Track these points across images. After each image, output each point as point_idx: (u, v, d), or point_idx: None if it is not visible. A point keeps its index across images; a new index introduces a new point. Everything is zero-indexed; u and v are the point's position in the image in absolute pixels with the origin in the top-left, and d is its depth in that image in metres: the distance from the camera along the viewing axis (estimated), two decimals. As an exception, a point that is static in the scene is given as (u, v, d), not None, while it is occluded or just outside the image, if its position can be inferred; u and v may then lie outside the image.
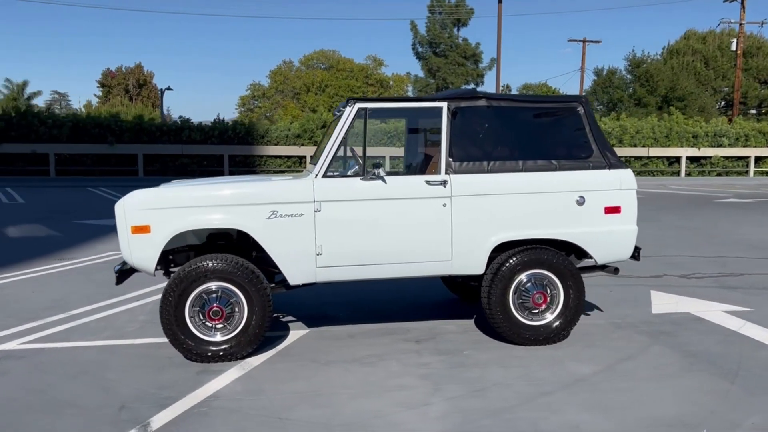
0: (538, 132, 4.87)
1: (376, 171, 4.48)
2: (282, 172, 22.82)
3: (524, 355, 4.57)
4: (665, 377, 4.15)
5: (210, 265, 4.36)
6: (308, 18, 77.21)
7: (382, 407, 3.69)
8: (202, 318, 4.40)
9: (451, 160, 4.63)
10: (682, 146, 25.78)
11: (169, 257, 4.77)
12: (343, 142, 4.62)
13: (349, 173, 4.62)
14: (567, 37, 64.17)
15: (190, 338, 4.38)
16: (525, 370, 4.27)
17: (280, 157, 22.61)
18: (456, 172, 4.61)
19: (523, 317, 4.74)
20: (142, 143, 21.63)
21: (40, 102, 56.85)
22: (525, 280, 4.73)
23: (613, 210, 4.79)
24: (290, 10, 77.97)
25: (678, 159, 26.14)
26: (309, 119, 23.23)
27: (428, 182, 4.57)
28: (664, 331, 5.15)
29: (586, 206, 4.76)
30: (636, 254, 5.00)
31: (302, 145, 22.51)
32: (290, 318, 5.61)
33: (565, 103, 4.85)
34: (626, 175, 4.84)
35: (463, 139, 4.68)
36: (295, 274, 4.51)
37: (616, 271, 5.01)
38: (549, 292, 4.76)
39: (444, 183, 4.57)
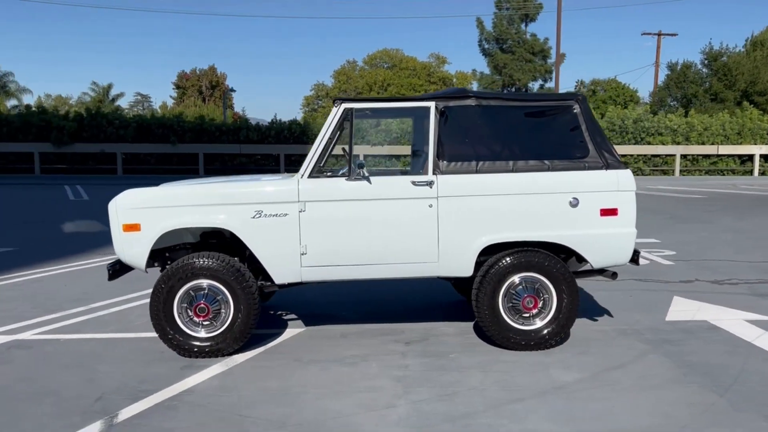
0: (530, 131, 4.74)
1: (360, 171, 4.48)
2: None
3: (511, 360, 4.47)
4: (649, 388, 3.96)
5: (197, 263, 4.48)
6: (373, 18, 77.70)
7: (345, 408, 3.69)
8: (189, 314, 4.53)
9: (438, 160, 4.57)
10: (755, 143, 24.39)
11: (166, 254, 4.92)
12: (330, 142, 4.64)
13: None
14: (641, 31, 61.83)
15: (178, 333, 4.52)
16: (504, 376, 4.17)
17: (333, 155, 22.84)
18: (443, 173, 4.55)
19: (513, 321, 4.64)
20: (203, 143, 22.38)
21: (123, 103, 59.69)
22: (516, 283, 4.62)
23: (609, 212, 4.61)
24: (356, 10, 78.62)
25: (751, 157, 24.77)
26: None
27: (414, 183, 4.53)
28: (670, 339, 4.92)
29: (581, 208, 4.60)
30: (635, 258, 4.79)
31: (355, 143, 22.71)
32: (293, 316, 5.69)
33: (559, 102, 4.70)
34: (624, 175, 4.64)
35: (451, 138, 4.61)
36: (280, 274, 4.57)
37: (614, 275, 4.82)
38: (541, 296, 4.63)
39: (430, 183, 4.52)
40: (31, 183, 20.86)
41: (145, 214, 4.48)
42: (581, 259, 4.84)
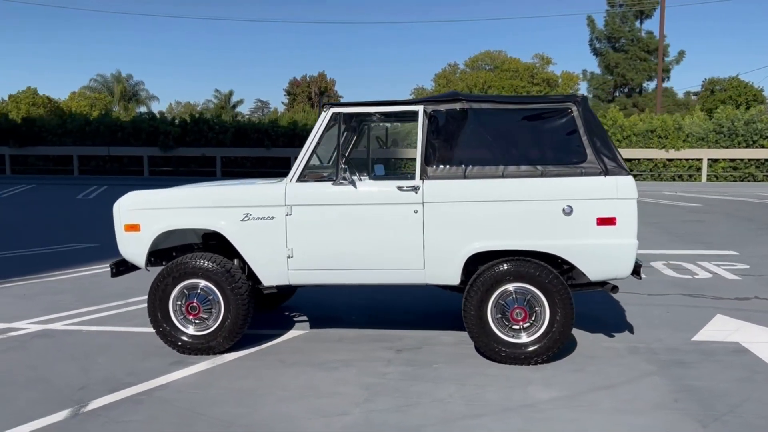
0: (523, 136, 4.53)
1: (345, 176, 4.47)
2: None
3: (494, 374, 4.29)
4: (628, 412, 3.67)
5: (190, 263, 4.65)
6: (476, 20, 76.82)
7: (299, 412, 3.70)
8: (183, 312, 4.70)
9: (426, 165, 4.47)
10: None
11: (172, 254, 5.13)
12: (318, 147, 4.65)
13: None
14: (773, 24, 56.88)
15: (173, 330, 4.70)
16: (478, 390, 4.01)
17: (412, 159, 22.84)
18: (430, 178, 4.45)
19: (503, 334, 4.45)
20: (295, 147, 23.07)
21: (244, 109, 62.78)
22: (506, 293, 4.42)
23: (606, 221, 4.31)
24: (459, 13, 78.07)
25: None
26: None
27: (400, 188, 4.46)
28: (683, 360, 4.52)
29: (575, 216, 4.33)
30: (637, 271, 4.44)
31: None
32: (303, 318, 5.76)
33: (555, 104, 4.45)
34: (624, 182, 4.32)
35: (440, 143, 4.50)
36: (268, 276, 4.65)
37: (614, 289, 4.50)
38: (532, 308, 4.41)
39: (416, 189, 4.43)
40: (139, 184, 22.45)
41: (144, 215, 4.71)
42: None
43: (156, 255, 4.96)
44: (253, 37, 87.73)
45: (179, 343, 4.69)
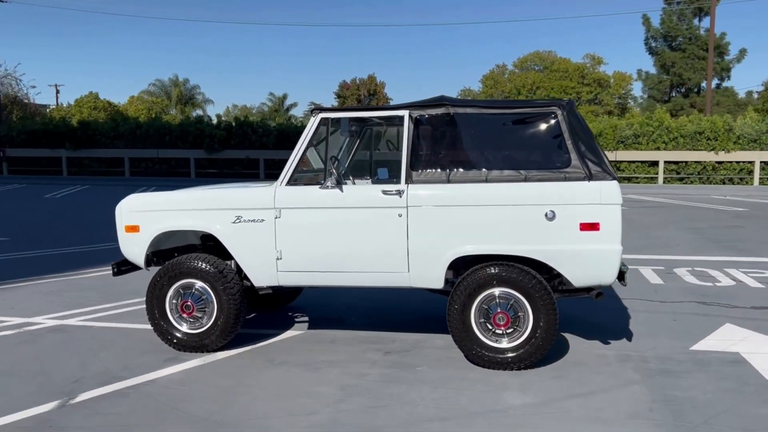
0: (507, 140, 4.52)
1: (331, 179, 4.56)
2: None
3: (474, 378, 4.30)
4: (597, 421, 3.63)
5: (185, 263, 4.82)
6: (527, 20, 75.68)
7: (271, 410, 3.80)
8: (178, 310, 4.88)
9: (411, 169, 4.51)
10: None
11: (174, 254, 5.32)
12: (306, 151, 4.75)
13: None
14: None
15: (170, 327, 4.88)
16: (452, 394, 4.03)
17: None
18: (415, 182, 4.49)
19: (486, 338, 4.45)
20: (337, 149, 23.39)
21: (298, 112, 63.75)
22: (490, 298, 4.42)
23: (590, 227, 4.26)
24: (509, 13, 77.14)
25: None
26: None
27: (384, 192, 4.52)
28: (672, 370, 4.42)
29: (558, 221, 4.30)
30: (622, 277, 4.37)
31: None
32: (305, 318, 5.87)
33: (539, 109, 4.43)
34: (608, 187, 4.26)
35: (425, 147, 4.54)
36: (258, 277, 4.78)
37: (598, 295, 4.43)
38: (515, 314, 4.39)
39: (400, 193, 4.48)
40: (185, 185, 23.10)
41: (143, 217, 4.91)
42: None
43: (159, 255, 5.16)
44: (305, 41, 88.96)
45: (174, 340, 4.86)
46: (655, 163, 22.01)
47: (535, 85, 39.91)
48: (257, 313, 6.05)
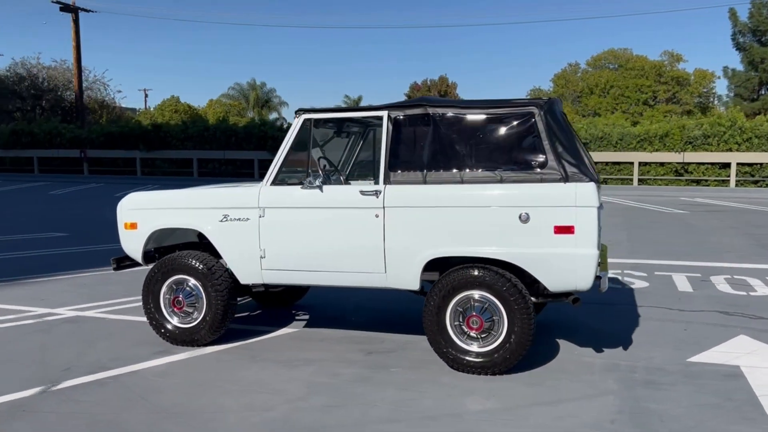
0: (484, 141, 4.42)
1: (310, 180, 4.61)
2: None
3: (444, 382, 4.24)
4: (550, 430, 3.51)
5: (177, 260, 4.99)
6: (600, 17, 73.13)
7: (232, 405, 3.89)
8: (170, 305, 5.06)
9: (389, 170, 4.50)
10: None
11: (176, 251, 5.51)
12: (291, 152, 4.81)
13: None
14: None
15: (165, 321, 5.07)
16: (414, 396, 4.00)
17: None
18: (392, 183, 4.47)
19: (461, 342, 4.39)
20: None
21: None
22: (465, 301, 4.35)
23: (564, 230, 4.12)
24: (582, 10, 74.70)
25: None
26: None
27: (362, 192, 4.53)
28: (657, 381, 4.22)
29: (532, 224, 4.18)
30: (598, 283, 4.19)
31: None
32: (306, 316, 5.95)
33: (516, 109, 4.31)
34: (584, 189, 4.10)
35: (403, 148, 4.52)
36: (243, 274, 4.89)
37: (575, 301, 4.28)
38: (489, 318, 4.31)
39: (377, 193, 4.48)
40: (250, 185, 23.83)
41: (140, 215, 5.13)
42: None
43: (164, 251, 5.37)
44: (379, 44, 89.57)
45: (167, 334, 5.05)
46: (726, 165, 20.85)
47: (608, 84, 38.58)
48: (264, 310, 6.19)
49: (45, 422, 3.66)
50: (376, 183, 4.54)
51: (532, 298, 4.37)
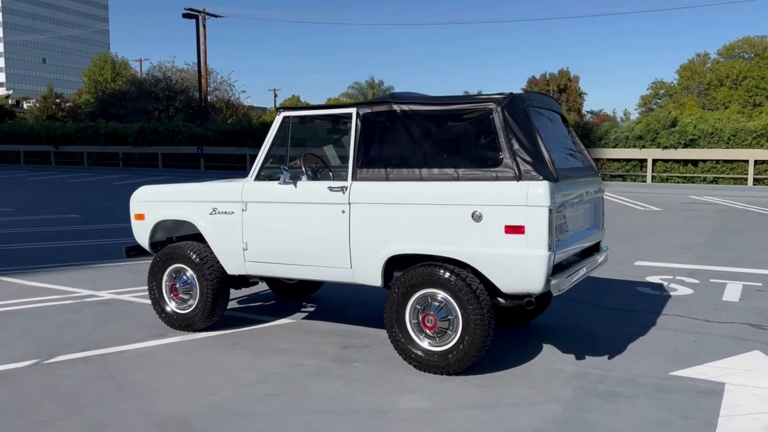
0: (445, 138, 4.33)
1: (283, 175, 4.74)
2: (619, 176, 21.32)
3: (397, 379, 4.23)
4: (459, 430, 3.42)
5: (174, 250, 5.33)
6: (732, 2, 66.80)
7: (184, 387, 4.12)
8: (169, 292, 5.40)
9: (357, 167, 4.54)
10: None
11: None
12: (271, 148, 4.96)
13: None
14: None
15: (165, 306, 5.43)
16: (355, 391, 4.03)
17: (618, 160, 21.10)
18: (358, 180, 4.51)
19: (419, 340, 4.35)
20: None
21: None
22: (423, 299, 4.31)
23: (514, 230, 3.96)
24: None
25: None
26: (655, 118, 20.99)
27: (330, 188, 4.60)
28: (618, 393, 3.97)
29: (484, 223, 4.06)
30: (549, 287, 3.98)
31: (643, 147, 20.51)
32: (310, 309, 6.11)
33: (475, 105, 4.19)
34: (535, 188, 3.92)
35: (369, 145, 4.53)
36: (229, 265, 5.12)
37: (528, 304, 4.09)
38: (445, 317, 4.24)
39: (343, 189, 4.54)
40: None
41: (147, 207, 5.51)
42: None
43: (175, 241, 5.74)
44: (496, 39, 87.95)
45: (167, 318, 5.40)
46: None
47: (741, 75, 35.53)
48: (277, 300, 6.42)
49: (15, 390, 4.08)
50: (345, 179, 4.60)
51: (501, 300, 4.25)
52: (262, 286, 6.69)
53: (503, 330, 5.31)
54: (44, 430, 3.51)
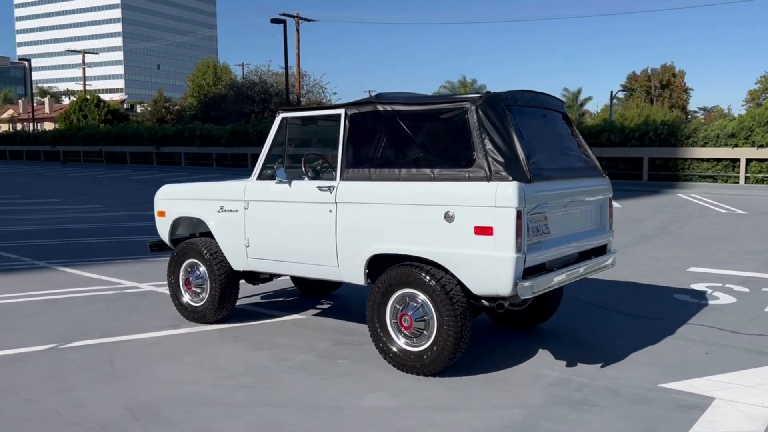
0: (423, 137, 4.31)
1: (278, 175, 4.87)
2: (709, 177, 19.96)
3: (373, 377, 4.28)
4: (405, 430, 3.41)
5: (189, 246, 5.60)
6: None
7: (170, 376, 4.34)
8: (185, 285, 5.68)
9: (344, 166, 4.61)
10: None
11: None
12: (272, 148, 5.10)
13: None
14: None
15: (182, 298, 5.71)
16: (326, 387, 4.10)
17: (708, 160, 19.71)
18: (345, 179, 4.58)
19: (398, 339, 4.36)
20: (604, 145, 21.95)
21: (591, 107, 62.06)
22: (402, 299, 4.32)
23: (483, 231, 3.89)
24: None
25: None
26: (749, 115, 19.46)
27: (319, 188, 4.69)
28: (591, 402, 3.81)
29: (456, 223, 4.01)
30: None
31: (735, 146, 19.07)
32: (326, 305, 6.22)
33: (452, 104, 4.13)
34: (504, 189, 3.82)
35: (355, 145, 4.58)
36: (234, 261, 5.32)
37: (499, 306, 3.99)
38: (420, 317, 4.22)
39: (330, 189, 4.62)
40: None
41: (167, 204, 5.82)
42: None
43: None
44: (599, 34, 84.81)
45: (183, 311, 5.68)
46: None
47: None
48: (300, 297, 6.58)
49: (21, 371, 4.44)
50: (334, 179, 4.68)
51: (485, 302, 4.19)
52: (288, 283, 6.89)
53: (506, 332, 5.20)
54: (27, 407, 3.82)
